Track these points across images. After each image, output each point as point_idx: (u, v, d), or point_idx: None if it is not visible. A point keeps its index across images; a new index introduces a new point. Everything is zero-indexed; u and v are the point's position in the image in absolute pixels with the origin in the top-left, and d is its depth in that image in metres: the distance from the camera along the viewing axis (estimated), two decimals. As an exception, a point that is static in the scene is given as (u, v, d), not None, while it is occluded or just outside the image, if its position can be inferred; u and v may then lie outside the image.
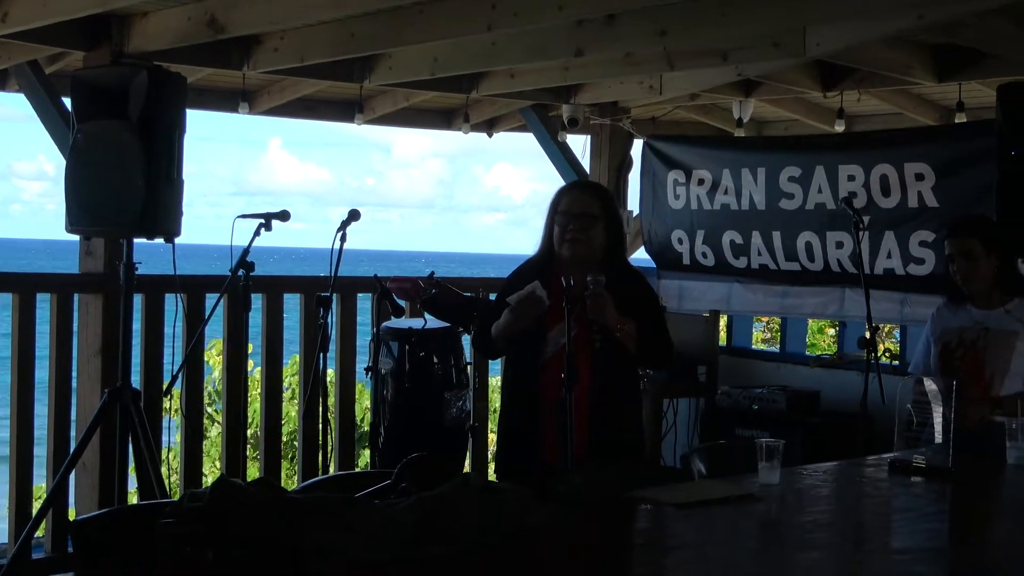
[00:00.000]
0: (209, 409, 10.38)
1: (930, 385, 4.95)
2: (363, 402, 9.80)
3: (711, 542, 3.91)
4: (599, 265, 5.20)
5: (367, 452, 9.24)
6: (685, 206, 9.00)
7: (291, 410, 9.67)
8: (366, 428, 8.61)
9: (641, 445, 5.55)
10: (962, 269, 5.69)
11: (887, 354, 8.20)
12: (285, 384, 9.32)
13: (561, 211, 5.30)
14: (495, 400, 9.79)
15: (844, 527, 4.14)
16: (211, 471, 9.35)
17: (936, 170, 7.58)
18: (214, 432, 10.37)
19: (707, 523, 4.02)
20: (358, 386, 8.72)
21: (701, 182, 8.88)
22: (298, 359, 8.31)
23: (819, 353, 10.30)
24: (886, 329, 11.55)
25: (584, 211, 5.27)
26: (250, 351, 8.65)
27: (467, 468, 7.89)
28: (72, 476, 6.90)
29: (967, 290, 5.73)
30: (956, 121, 8.44)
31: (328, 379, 7.04)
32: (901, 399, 4.96)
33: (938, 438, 4.83)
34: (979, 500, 4.65)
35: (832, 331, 12.82)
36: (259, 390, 8.02)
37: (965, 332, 5.69)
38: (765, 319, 12.95)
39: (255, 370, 9.15)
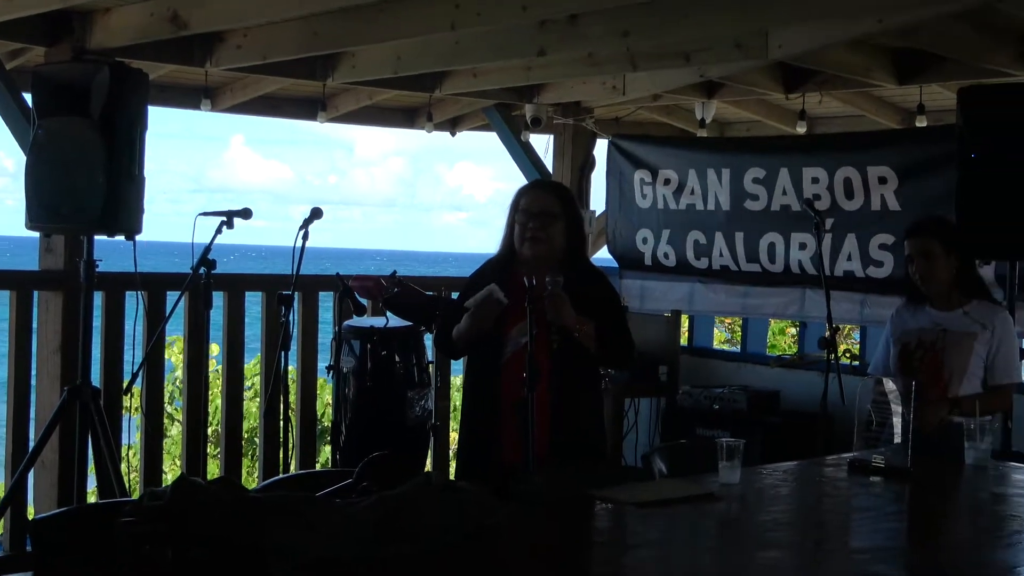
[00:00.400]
0: (169, 408, 10.33)
1: (889, 385, 4.98)
2: (324, 398, 9.78)
3: (671, 541, 3.92)
4: (560, 265, 5.20)
5: (328, 450, 9.22)
6: (652, 206, 9.02)
7: (252, 408, 9.64)
8: (328, 426, 8.59)
9: (602, 445, 5.55)
10: (921, 269, 5.71)
11: (847, 354, 8.21)
12: (246, 382, 9.29)
13: (521, 210, 5.31)
14: (457, 399, 9.79)
15: (804, 526, 4.16)
16: (171, 469, 9.31)
17: (899, 173, 7.63)
18: (174, 431, 10.32)
19: (668, 522, 4.03)
20: (319, 383, 8.69)
21: (667, 182, 8.90)
22: (260, 357, 8.29)
23: (779, 353, 10.34)
24: (846, 330, 11.60)
25: (544, 210, 5.28)
26: (216, 352, 8.63)
27: (428, 467, 7.88)
28: (31, 474, 6.85)
29: (925, 290, 5.76)
30: (917, 124, 8.49)
31: (290, 377, 7.02)
32: (861, 399, 4.99)
33: (897, 438, 4.86)
34: (937, 500, 4.68)
35: (792, 331, 12.87)
36: (220, 388, 7.98)
37: (924, 333, 5.72)
38: (727, 320, 12.99)
39: (216, 368, 9.11)
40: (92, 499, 7.09)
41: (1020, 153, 6.19)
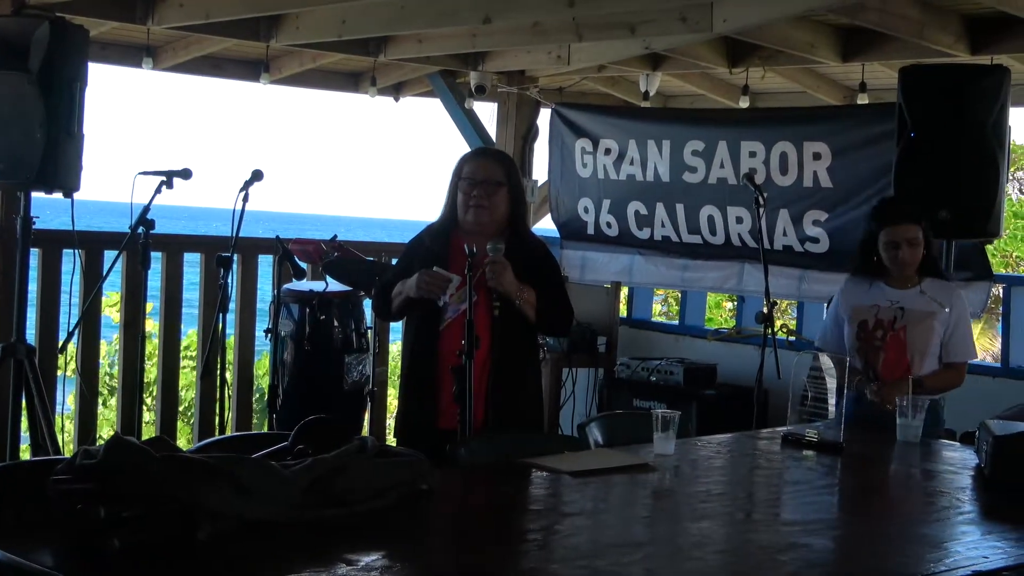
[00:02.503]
0: (111, 381, 10.26)
1: (825, 361, 5.01)
2: (263, 365, 9.74)
3: (605, 509, 3.95)
4: (501, 232, 5.21)
5: (264, 413, 9.20)
6: (592, 175, 9.05)
7: (189, 370, 9.59)
8: (265, 390, 8.58)
9: (539, 414, 5.56)
10: (907, 256, 5.58)
11: (784, 329, 8.27)
12: (184, 344, 9.23)
13: (464, 177, 5.30)
14: (396, 365, 9.77)
15: (736, 498, 4.20)
16: (108, 433, 9.25)
17: (834, 150, 7.70)
18: (113, 401, 10.26)
19: (602, 491, 4.06)
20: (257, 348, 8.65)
21: (608, 151, 8.93)
22: (198, 319, 8.23)
23: (717, 327, 10.39)
24: (783, 305, 11.69)
25: (488, 178, 5.27)
26: (149, 310, 8.57)
27: (365, 432, 7.88)
28: (-38, 432, 6.79)
29: (896, 273, 5.66)
30: (858, 101, 8.54)
31: (227, 340, 6.99)
32: (796, 374, 5.03)
33: (831, 413, 4.90)
34: (869, 475, 4.73)
35: (730, 305, 12.95)
36: (157, 349, 7.93)
37: (881, 312, 5.67)
38: (664, 291, 13.03)
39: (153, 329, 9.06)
40: (25, 457, 7.04)
41: (958, 133, 6.25)
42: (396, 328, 7.33)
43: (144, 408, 7.97)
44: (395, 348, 9.52)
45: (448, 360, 5.05)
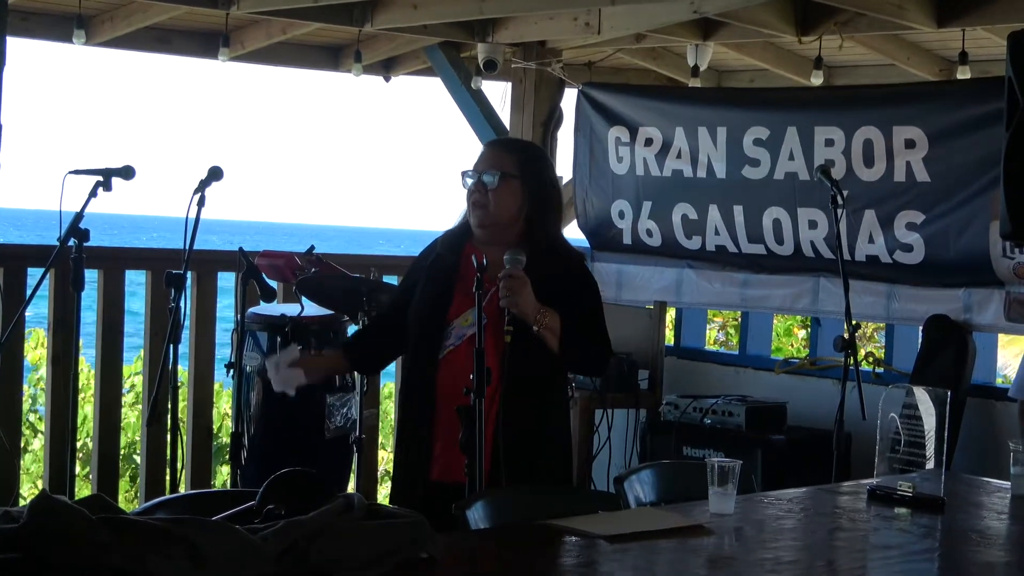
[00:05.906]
0: (31, 417, 10.27)
1: (922, 396, 5.00)
2: (223, 406, 9.75)
3: (650, 583, 3.95)
4: (517, 238, 5.19)
5: (227, 468, 9.22)
6: (630, 171, 9.01)
7: (133, 415, 9.60)
8: (226, 438, 8.60)
9: (567, 465, 5.55)
10: None
11: (870, 359, 8.27)
12: (126, 383, 9.25)
13: (469, 171, 5.29)
14: (388, 406, 9.79)
15: (812, 567, 4.19)
16: (31, 493, 9.27)
17: (930, 137, 7.65)
18: (36, 444, 10.28)
19: (646, 559, 4.05)
20: (217, 386, 8.66)
21: (649, 142, 8.90)
22: (143, 352, 8.25)
23: (786, 357, 10.38)
24: (869, 329, 11.67)
25: (487, 169, 5.25)
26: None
27: (351, 488, 7.88)
28: None
29: None
30: (958, 75, 8.53)
31: (180, 377, 7.00)
32: (885, 414, 5.01)
33: (930, 462, 4.89)
34: (976, 537, 4.71)
35: (803, 333, 12.94)
36: (93, 390, 7.96)
37: None
38: (721, 314, 13.03)
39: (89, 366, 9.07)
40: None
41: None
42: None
43: (77, 461, 7.98)
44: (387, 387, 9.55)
45: (448, 398, 5.04)
